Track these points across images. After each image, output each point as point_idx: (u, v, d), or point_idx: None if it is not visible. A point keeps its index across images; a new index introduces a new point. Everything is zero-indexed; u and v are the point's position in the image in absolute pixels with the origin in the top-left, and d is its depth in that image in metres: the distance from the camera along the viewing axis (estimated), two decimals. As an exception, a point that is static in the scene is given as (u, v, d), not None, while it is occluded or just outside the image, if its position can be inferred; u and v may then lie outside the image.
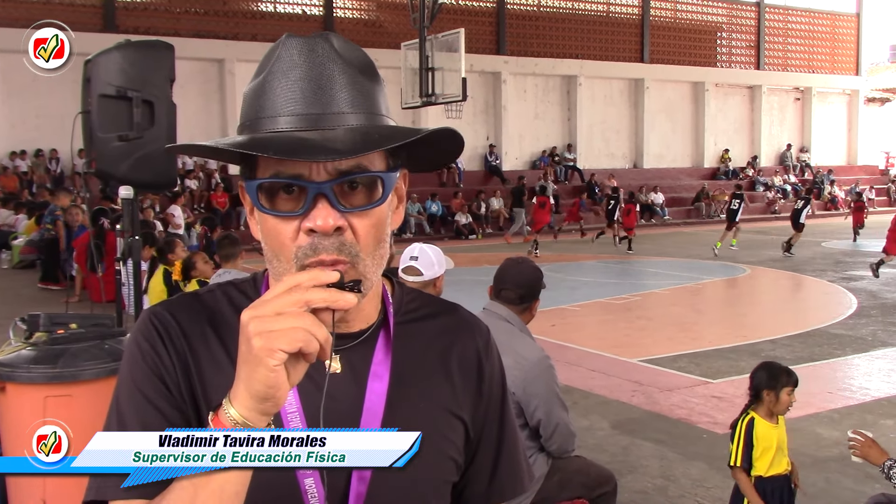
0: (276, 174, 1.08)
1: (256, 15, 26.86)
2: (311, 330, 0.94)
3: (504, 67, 29.97)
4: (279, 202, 1.09)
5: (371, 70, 1.14)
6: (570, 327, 10.87)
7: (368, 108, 1.11)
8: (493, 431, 1.33)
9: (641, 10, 33.18)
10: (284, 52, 1.11)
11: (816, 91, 37.90)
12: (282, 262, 1.11)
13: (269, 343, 0.93)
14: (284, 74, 1.09)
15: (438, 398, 1.25)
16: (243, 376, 0.96)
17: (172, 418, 1.12)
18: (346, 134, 1.06)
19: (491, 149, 29.70)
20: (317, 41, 1.11)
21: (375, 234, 1.12)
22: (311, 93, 1.08)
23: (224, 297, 1.24)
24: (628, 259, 18.96)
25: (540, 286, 3.73)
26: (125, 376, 1.16)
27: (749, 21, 36.15)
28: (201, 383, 1.15)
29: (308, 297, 0.95)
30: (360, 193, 1.10)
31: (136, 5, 25.17)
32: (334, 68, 1.10)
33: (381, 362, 1.21)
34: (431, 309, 1.33)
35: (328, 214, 1.06)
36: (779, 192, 33.73)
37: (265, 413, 0.97)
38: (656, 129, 33.59)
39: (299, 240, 1.08)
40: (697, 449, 6.10)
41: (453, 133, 1.16)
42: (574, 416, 6.47)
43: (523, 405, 3.40)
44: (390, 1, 28.18)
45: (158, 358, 1.15)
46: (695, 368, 8.48)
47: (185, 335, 1.17)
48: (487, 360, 1.33)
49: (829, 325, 10.75)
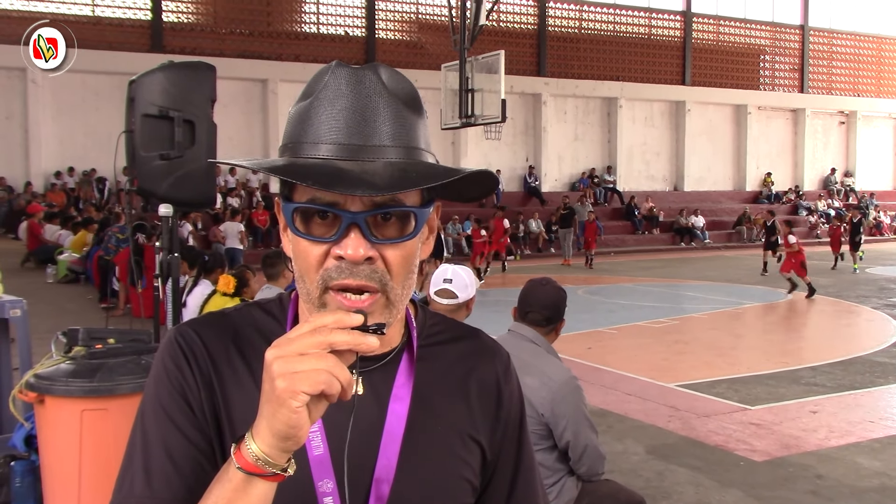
0: (312, 199, 1.10)
1: (300, 36, 27.22)
2: (334, 372, 0.95)
3: (544, 89, 30.01)
4: (313, 226, 1.11)
5: (415, 103, 1.16)
6: (606, 350, 10.79)
7: (409, 141, 1.12)
8: (511, 456, 1.35)
9: (683, 33, 33.08)
10: (332, 80, 1.12)
11: (861, 115, 37.41)
12: (306, 283, 1.12)
13: (293, 385, 0.94)
14: (330, 102, 1.11)
15: (456, 421, 1.26)
16: (266, 414, 0.98)
17: (193, 438, 1.14)
18: (385, 168, 1.07)
19: (530, 170, 29.71)
20: (365, 73, 1.13)
21: (406, 264, 1.13)
22: (355, 124, 1.09)
23: (249, 318, 1.25)
24: (667, 282, 18.80)
25: (564, 306, 3.73)
26: (150, 394, 1.18)
27: (793, 44, 35.85)
28: (224, 403, 1.17)
29: (331, 340, 0.97)
30: (393, 226, 1.11)
31: (183, 26, 25.66)
32: (379, 101, 1.11)
33: (403, 385, 1.23)
34: (454, 333, 1.35)
35: (359, 244, 1.08)
36: (822, 217, 33.26)
37: (286, 451, 0.99)
38: (697, 151, 33.38)
39: (327, 263, 1.10)
40: (733, 476, 6.00)
41: (489, 175, 1.18)
42: (609, 441, 6.43)
43: (552, 426, 3.39)
44: (432, 23, 28.40)
45: (182, 377, 1.17)
46: (733, 394, 8.37)
47: (209, 354, 1.19)
48: (506, 386, 1.34)
49: (871, 352, 10.55)
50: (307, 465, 1.15)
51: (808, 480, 5.92)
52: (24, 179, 23.21)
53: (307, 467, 1.15)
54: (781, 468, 6.19)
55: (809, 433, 7.08)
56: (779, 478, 5.99)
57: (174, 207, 4.76)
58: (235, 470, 0.99)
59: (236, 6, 26.16)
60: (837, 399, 8.29)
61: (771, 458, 6.40)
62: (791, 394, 8.44)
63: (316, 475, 1.15)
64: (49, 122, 23.60)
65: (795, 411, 7.78)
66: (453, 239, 24.98)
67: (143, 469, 1.12)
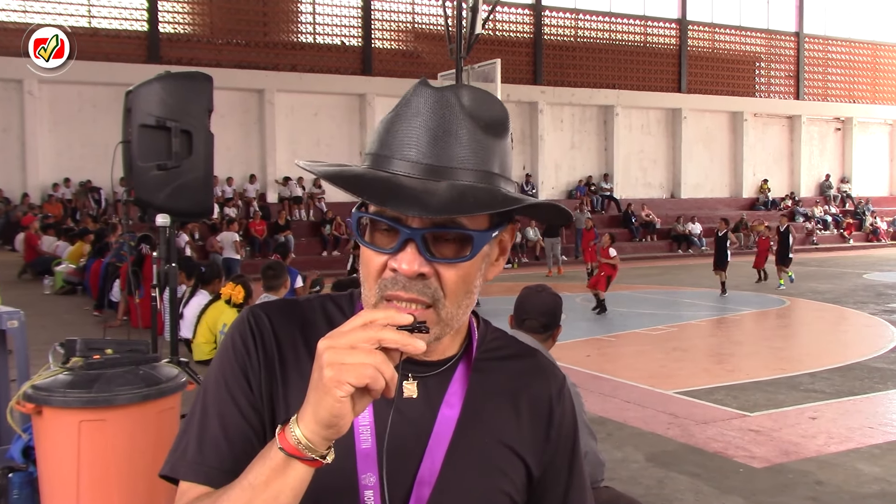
0: (378, 212, 1.14)
1: (296, 46, 27.27)
2: (380, 368, 0.99)
3: (541, 97, 30.07)
4: (377, 236, 1.15)
5: (498, 127, 1.17)
6: (605, 358, 10.78)
7: (480, 165, 1.14)
8: (563, 477, 1.38)
9: (679, 40, 33.19)
10: (414, 98, 1.16)
11: (857, 121, 37.51)
12: (366, 290, 1.18)
13: (339, 375, 0.98)
14: (408, 119, 1.14)
15: (503, 435, 1.29)
16: (312, 401, 1.01)
17: (247, 414, 1.20)
18: (446, 190, 1.09)
19: (527, 178, 29.75)
20: (445, 94, 1.15)
21: (462, 285, 1.16)
22: (427, 143, 1.12)
23: (320, 309, 1.31)
24: (665, 290, 18.81)
25: (561, 313, 3.73)
26: (216, 366, 1.25)
27: (788, 51, 35.97)
28: (283, 387, 1.22)
29: (381, 336, 1.00)
30: (451, 246, 1.14)
31: (180, 37, 25.70)
32: (454, 122, 1.13)
33: (456, 392, 1.27)
34: (512, 350, 1.37)
35: (413, 260, 1.11)
36: (819, 223, 33.33)
37: (327, 438, 1.02)
38: (694, 158, 33.45)
39: (385, 274, 1.14)
40: (733, 483, 5.99)
41: (557, 208, 1.22)
42: (608, 448, 6.41)
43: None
44: (428, 32, 28.47)
45: (248, 355, 1.23)
46: (732, 401, 8.36)
47: (276, 339, 1.24)
48: (559, 406, 1.36)
49: (869, 358, 10.54)
50: (353, 457, 1.19)
51: (808, 487, 5.91)
52: (21, 191, 23.20)
53: (353, 459, 1.19)
54: (781, 474, 6.17)
55: (809, 439, 7.08)
56: (778, 484, 5.98)
57: (172, 217, 4.76)
58: (277, 450, 1.03)
59: (233, 17, 26.21)
60: (836, 405, 8.28)
61: (770, 465, 6.39)
62: (790, 400, 8.43)
63: (361, 468, 1.18)
64: (46, 133, 23.61)
65: (795, 417, 7.77)
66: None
67: (198, 436, 1.19)
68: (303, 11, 27.55)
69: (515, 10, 30.20)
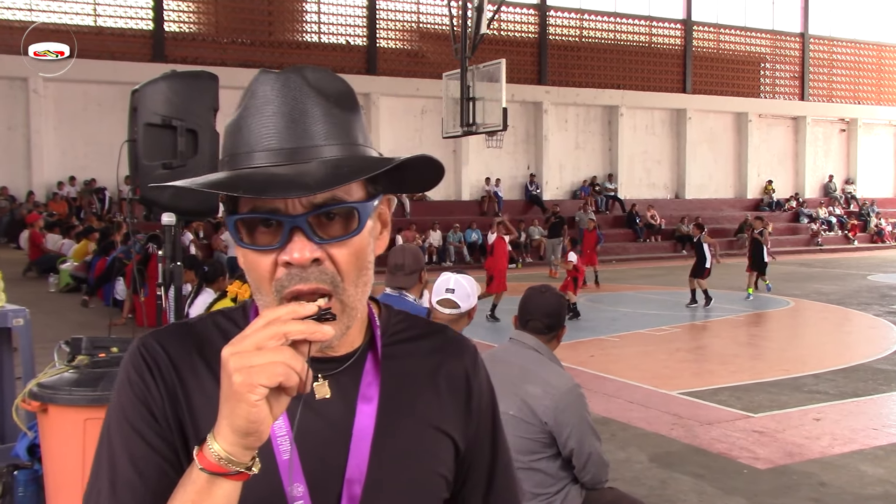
0: (253, 209, 1.09)
1: (301, 45, 27.30)
2: (291, 363, 0.95)
3: (545, 97, 30.06)
4: (258, 236, 1.10)
5: (347, 99, 1.15)
6: (608, 358, 10.79)
7: (343, 138, 1.11)
8: (486, 448, 1.35)
9: (684, 41, 33.14)
10: (259, 87, 1.12)
11: (862, 122, 37.44)
12: (263, 295, 1.12)
13: (250, 378, 0.94)
14: (259, 110, 1.10)
15: (427, 417, 1.26)
16: (226, 412, 0.97)
17: (158, 447, 1.14)
18: (319, 167, 1.06)
19: (531, 178, 29.74)
20: (289, 75, 1.12)
21: (356, 262, 1.13)
22: (285, 127, 1.09)
23: (214, 326, 1.25)
24: (669, 290, 18.79)
25: (565, 313, 3.73)
26: (115, 406, 1.18)
27: (793, 52, 35.90)
28: (190, 413, 1.17)
29: (286, 330, 0.96)
30: (337, 224, 1.11)
31: (185, 36, 25.73)
32: (307, 101, 1.10)
33: (370, 384, 1.22)
34: (419, 330, 1.34)
35: (304, 247, 1.07)
36: (823, 224, 33.27)
37: (249, 447, 0.99)
38: (698, 159, 33.42)
39: (278, 273, 1.09)
40: (737, 484, 5.99)
41: (429, 159, 1.16)
42: (612, 449, 6.42)
43: (555, 434, 3.39)
44: (433, 31, 28.47)
45: (146, 388, 1.16)
46: (735, 402, 8.36)
47: (174, 365, 1.18)
48: (475, 378, 1.34)
49: (873, 360, 10.53)
50: (276, 470, 1.14)
51: (812, 488, 5.91)
52: (26, 189, 23.23)
53: (277, 472, 1.14)
54: (785, 476, 6.18)
55: (812, 441, 7.07)
56: (782, 485, 5.98)
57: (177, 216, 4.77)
58: (199, 471, 0.99)
59: (238, 16, 26.25)
60: (840, 406, 8.28)
61: (774, 466, 6.39)
62: (794, 401, 8.43)
63: (286, 480, 1.14)
64: (51, 131, 23.64)
65: (798, 419, 7.77)
66: (454, 247, 24.99)
67: (109, 480, 1.12)
68: (308, 11, 27.57)
69: (520, 10, 30.18)
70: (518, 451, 3.41)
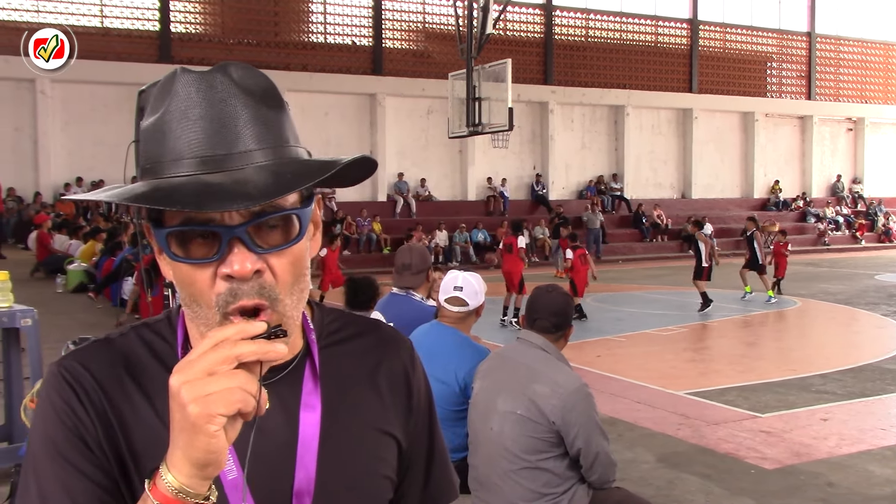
0: (186, 220, 1.02)
1: (307, 46, 27.32)
2: (247, 388, 0.91)
3: (551, 97, 30.04)
4: (192, 248, 1.03)
5: (273, 97, 1.09)
6: (615, 358, 10.77)
7: (275, 141, 1.06)
8: (424, 443, 1.34)
9: (690, 40, 33.10)
10: (181, 88, 1.04)
11: (869, 121, 37.34)
12: (202, 308, 1.05)
13: (207, 409, 0.89)
14: (183, 114, 1.03)
15: (370, 419, 1.23)
16: (181, 444, 0.92)
17: (96, 478, 1.06)
18: (257, 174, 1.01)
19: (538, 178, 29.74)
20: (215, 75, 1.06)
21: (294, 270, 1.08)
22: (214, 132, 1.02)
23: (138, 340, 1.18)
24: (675, 290, 18.77)
25: (573, 312, 3.73)
26: (40, 436, 1.09)
27: (800, 51, 35.83)
28: (124, 435, 1.10)
29: (237, 352, 0.92)
30: (277, 232, 1.05)
31: (191, 37, 25.79)
32: (236, 103, 1.04)
33: (311, 392, 1.18)
34: (354, 329, 1.30)
35: (245, 258, 1.02)
36: (830, 224, 33.20)
37: (207, 478, 0.94)
38: (705, 159, 33.37)
39: (217, 286, 1.03)
40: (744, 484, 5.98)
41: (366, 160, 1.12)
42: (619, 449, 6.40)
43: (563, 433, 3.39)
44: (438, 31, 28.47)
45: (75, 415, 1.08)
46: (743, 402, 8.34)
47: (101, 387, 1.11)
48: (414, 374, 1.32)
49: (881, 360, 10.50)
50: (223, 492, 1.08)
51: (819, 488, 5.89)
52: (33, 190, 23.30)
53: (223, 493, 1.08)
54: (792, 476, 6.16)
55: (820, 441, 7.06)
56: (790, 486, 5.97)
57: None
58: None
59: (244, 17, 26.28)
60: (848, 406, 8.25)
61: (782, 466, 6.37)
62: (801, 401, 8.41)
63: (233, 501, 1.09)
64: (58, 133, 23.71)
65: (806, 419, 7.75)
66: (461, 247, 25.00)
67: None
68: (314, 11, 27.59)
69: (526, 10, 30.17)
70: (525, 451, 3.41)
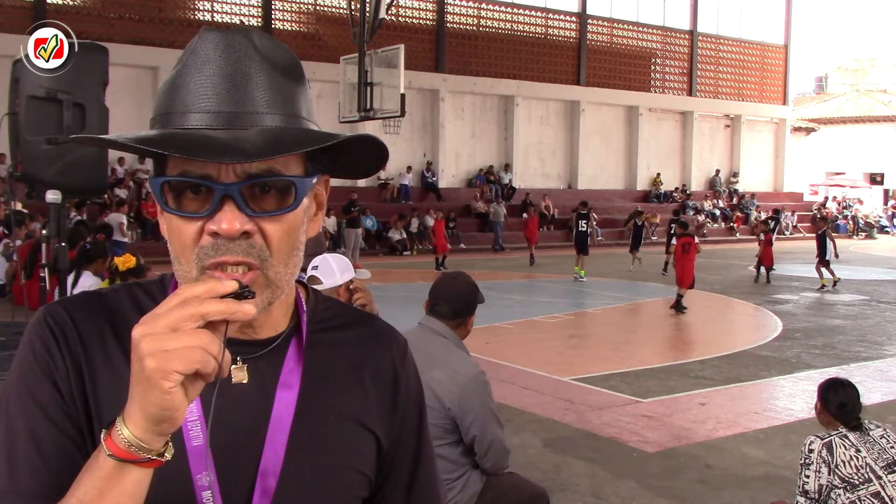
0: (183, 172, 1.02)
1: (193, 23, 26.49)
2: (208, 348, 0.88)
3: (442, 85, 30.11)
4: (185, 202, 1.03)
5: (295, 71, 1.08)
6: (503, 345, 10.90)
7: (287, 109, 1.05)
8: (411, 445, 1.29)
9: (578, 34, 33.71)
10: (201, 45, 1.05)
11: (745, 119, 38.98)
12: (183, 265, 1.05)
13: (164, 364, 0.87)
14: (198, 69, 1.03)
15: (349, 410, 1.20)
16: (137, 397, 0.90)
17: (62, 425, 1.05)
18: (258, 135, 1.00)
19: (428, 166, 29.77)
20: (235, 36, 1.05)
21: (288, 240, 1.06)
22: (225, 90, 1.02)
23: (128, 297, 1.16)
24: (562, 278, 19.14)
25: (475, 301, 3.71)
26: (16, 377, 1.08)
27: (682, 49, 37.00)
28: (94, 388, 1.08)
29: (204, 310, 0.89)
30: (272, 198, 1.04)
31: (69, 8, 24.63)
32: (251, 65, 1.04)
33: (292, 371, 1.15)
34: (347, 318, 1.27)
35: (234, 218, 1.00)
36: (708, 217, 34.51)
37: (162, 434, 0.92)
38: (591, 150, 34.12)
39: (202, 241, 1.02)
40: (627, 467, 6.14)
41: (373, 140, 1.11)
42: (507, 434, 6.47)
43: (458, 420, 3.38)
44: (330, 15, 28.11)
45: (51, 359, 1.07)
46: (626, 387, 8.57)
47: (80, 336, 1.10)
48: (403, 373, 1.28)
49: (755, 346, 10.98)
50: (185, 457, 1.06)
51: (698, 470, 6.11)
52: None
53: (185, 459, 1.06)
54: (672, 458, 6.37)
55: (699, 424, 7.32)
56: (670, 468, 6.16)
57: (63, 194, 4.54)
58: (106, 457, 0.91)
59: (126, -10, 25.27)
60: (724, 391, 8.59)
61: (663, 449, 6.58)
62: (681, 387, 8.69)
63: (194, 468, 1.07)
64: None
65: (685, 403, 8.02)
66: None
67: (7, 459, 1.02)
68: (201, -12, 26.80)
69: (419, -3, 30.12)
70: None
